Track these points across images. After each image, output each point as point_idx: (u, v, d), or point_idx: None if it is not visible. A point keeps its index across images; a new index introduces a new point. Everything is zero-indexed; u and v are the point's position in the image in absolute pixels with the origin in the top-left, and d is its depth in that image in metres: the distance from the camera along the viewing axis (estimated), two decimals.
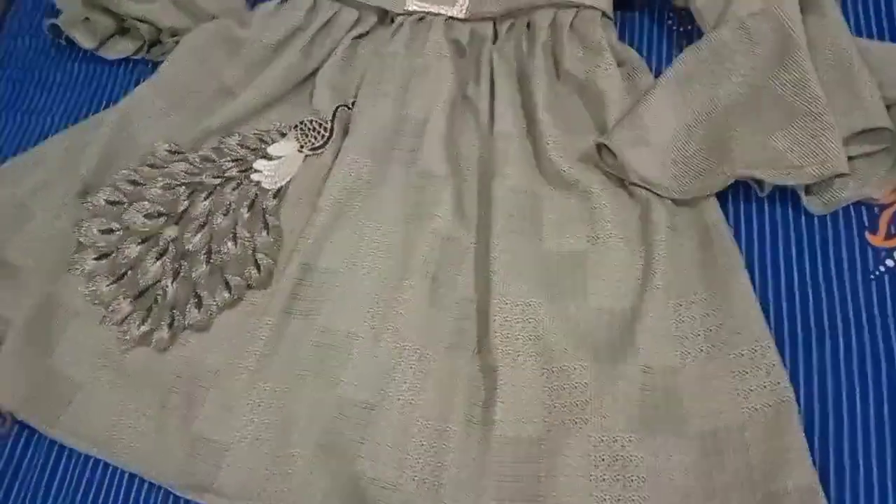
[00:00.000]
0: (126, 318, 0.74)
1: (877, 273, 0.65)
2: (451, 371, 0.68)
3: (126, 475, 0.69)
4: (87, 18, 0.90)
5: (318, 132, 0.81)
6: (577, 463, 0.61)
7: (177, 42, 0.87)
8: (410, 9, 0.84)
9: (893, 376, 0.61)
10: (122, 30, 0.92)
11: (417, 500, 0.62)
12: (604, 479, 0.60)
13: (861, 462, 0.58)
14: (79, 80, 0.93)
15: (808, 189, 0.69)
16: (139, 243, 0.77)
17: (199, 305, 0.74)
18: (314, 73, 0.85)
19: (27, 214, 0.81)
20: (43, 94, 0.93)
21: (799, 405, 0.60)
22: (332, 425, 0.66)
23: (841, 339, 0.63)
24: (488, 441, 0.63)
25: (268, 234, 0.76)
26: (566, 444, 0.62)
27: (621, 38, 0.82)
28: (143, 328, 0.73)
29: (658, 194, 0.71)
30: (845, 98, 0.69)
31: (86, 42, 0.91)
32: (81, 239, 0.77)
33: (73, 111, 0.91)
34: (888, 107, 0.69)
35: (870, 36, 0.77)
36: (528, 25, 0.81)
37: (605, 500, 0.60)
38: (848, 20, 0.75)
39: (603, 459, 0.61)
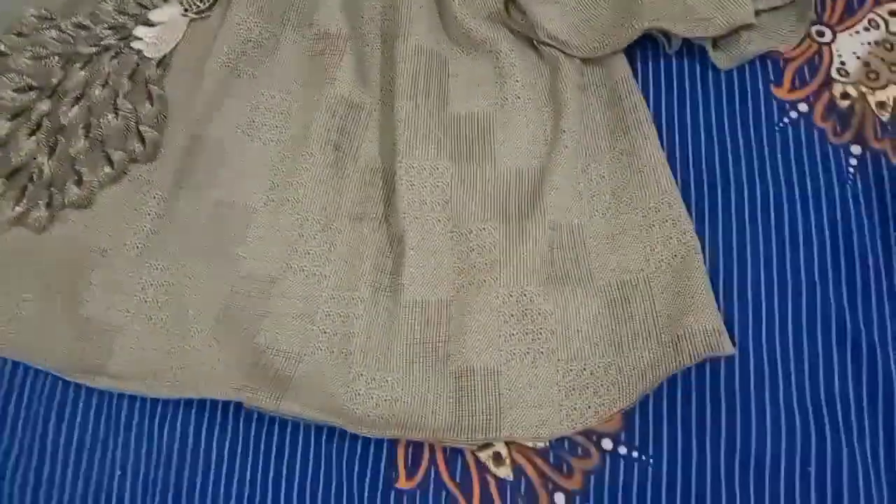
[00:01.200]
0: None
1: (781, 125, 0.65)
2: (356, 240, 0.65)
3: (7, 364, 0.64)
4: None
5: None
6: (486, 319, 0.60)
7: None
8: None
9: (793, 222, 0.62)
10: None
11: (325, 370, 0.60)
12: (513, 335, 0.59)
13: (763, 303, 0.59)
14: None
15: (715, 43, 0.68)
16: (9, 119, 0.69)
17: (79, 182, 0.68)
18: None
19: None
20: None
21: (704, 256, 0.60)
22: (231, 300, 0.63)
23: (745, 187, 0.63)
24: (396, 306, 0.61)
25: (151, 104, 0.70)
26: (475, 302, 0.60)
27: None
28: (19, 208, 0.67)
29: (567, 53, 0.68)
30: None
31: None
32: None
33: None
34: None
35: None
36: None
37: (514, 353, 0.59)
38: None
39: (512, 315, 0.60)
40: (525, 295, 0.60)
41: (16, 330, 0.64)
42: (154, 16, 0.75)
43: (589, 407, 0.57)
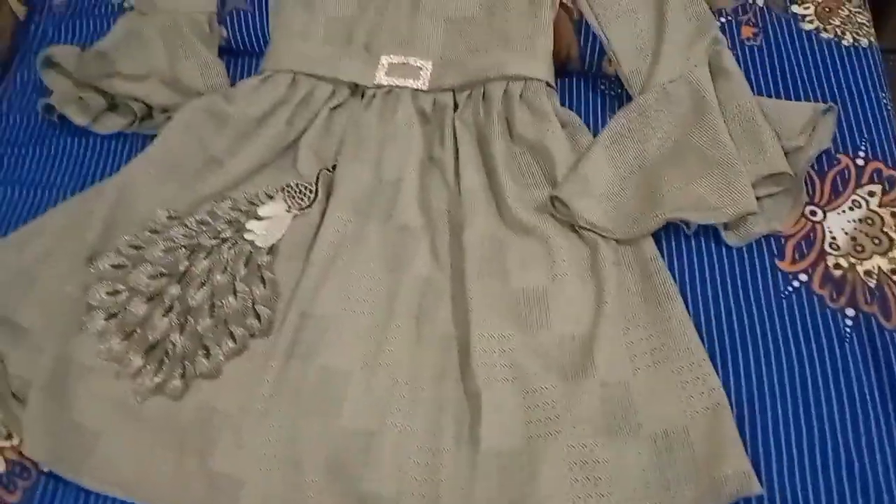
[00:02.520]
0: (139, 370, 0.81)
1: (786, 293, 0.79)
2: (438, 398, 0.78)
3: None
4: (80, 97, 0.98)
5: (304, 194, 0.91)
6: (554, 467, 0.72)
7: (168, 117, 0.96)
8: (380, 83, 0.96)
9: (802, 376, 0.75)
10: (114, 105, 1.00)
11: None
12: (577, 480, 0.71)
13: (784, 449, 0.72)
14: (73, 155, 1.00)
15: (726, 226, 0.83)
16: (145, 301, 0.84)
17: (207, 356, 0.82)
18: (296, 140, 0.95)
19: (32, 281, 0.87)
20: (39, 169, 0.99)
21: (731, 406, 0.73)
22: (337, 453, 0.76)
23: (761, 348, 0.77)
24: (476, 456, 0.74)
25: (265, 287, 0.85)
26: (544, 452, 0.73)
27: (564, 102, 0.95)
28: (157, 379, 0.80)
29: (604, 236, 0.83)
30: (751, 148, 0.84)
31: (79, 119, 0.98)
32: (91, 301, 0.84)
33: (69, 184, 0.97)
34: (786, 154, 0.84)
35: (767, 93, 0.93)
36: (484, 95, 0.93)
37: (579, 497, 0.71)
38: (749, 81, 0.90)
39: (575, 463, 0.72)
40: (585, 446, 0.72)
41: (157, 482, 0.76)
42: (263, 211, 0.91)
43: None
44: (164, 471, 0.77)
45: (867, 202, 0.84)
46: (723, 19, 0.99)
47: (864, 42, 0.96)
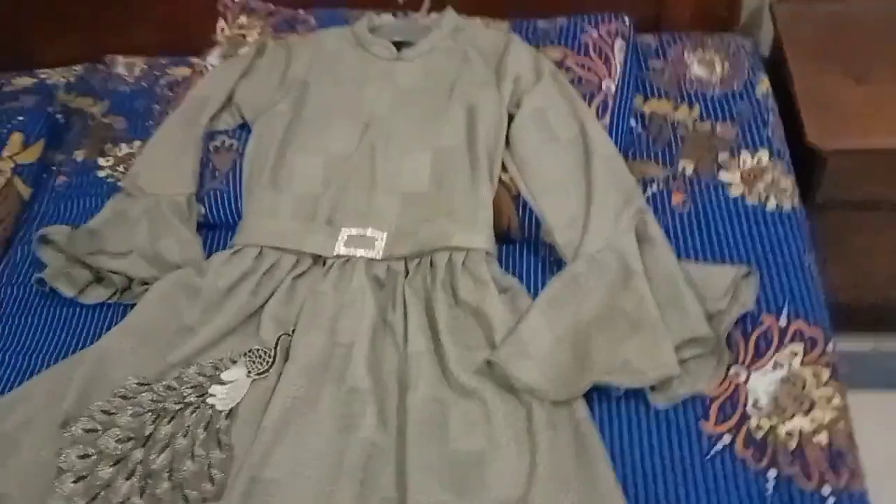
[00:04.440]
0: None
1: (710, 455, 0.82)
2: None
3: None
4: (68, 272, 1.08)
5: (264, 359, 0.98)
6: None
7: (145, 289, 1.05)
8: (339, 253, 1.04)
9: None
10: (98, 279, 1.10)
11: None
12: None
13: None
14: (62, 323, 1.08)
15: (653, 387, 0.87)
16: (111, 465, 0.90)
17: None
18: (261, 308, 1.02)
19: (13, 447, 0.93)
20: (29, 336, 1.08)
21: None
22: None
23: None
24: None
25: (220, 451, 0.90)
26: None
27: (507, 267, 1.03)
28: None
29: (538, 398, 0.88)
30: (674, 313, 0.90)
31: (67, 291, 1.08)
32: (62, 465, 0.90)
33: (58, 350, 1.05)
34: (710, 316, 0.90)
35: (696, 256, 0.99)
36: (431, 263, 1.01)
37: None
38: (679, 245, 0.97)
39: None
40: None
41: None
42: (225, 376, 0.97)
43: None
44: None
45: (790, 363, 0.88)
46: (654, 187, 1.07)
47: (788, 206, 1.03)
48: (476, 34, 1.18)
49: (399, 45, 1.19)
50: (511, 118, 1.09)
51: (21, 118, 1.25)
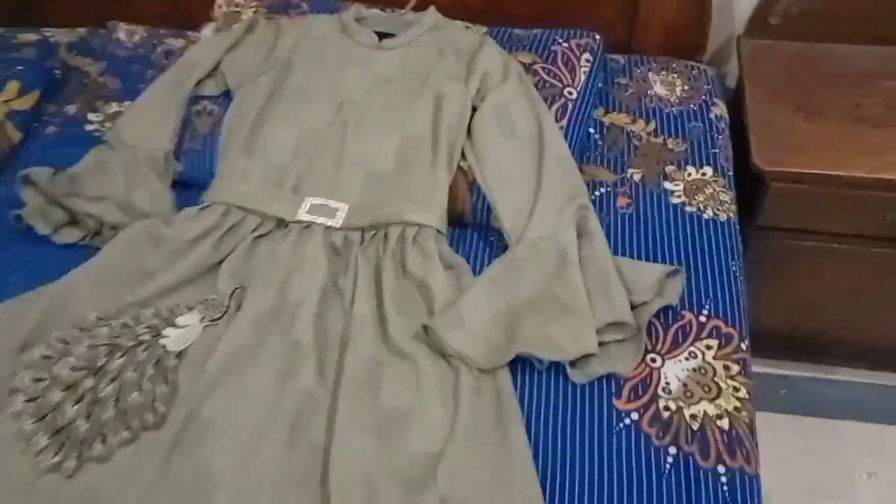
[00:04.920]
0: (42, 449, 0.91)
1: (617, 428, 0.89)
2: (297, 502, 0.86)
3: None
4: (45, 211, 1.14)
5: (218, 308, 1.03)
6: None
7: (115, 233, 1.11)
8: (300, 219, 1.11)
9: (623, 502, 0.82)
10: (73, 221, 1.16)
11: None
12: None
13: None
14: (31, 261, 1.13)
15: (572, 364, 0.93)
16: (62, 390, 0.95)
17: (103, 441, 0.91)
18: (219, 263, 1.08)
19: None
20: (4, 271, 1.14)
21: None
22: None
23: (587, 474, 0.85)
24: None
25: (166, 386, 0.96)
26: None
27: (458, 249, 1.09)
28: (56, 458, 0.90)
29: (467, 363, 0.94)
30: (602, 300, 0.96)
31: (42, 229, 1.14)
32: (16, 385, 0.95)
33: (23, 285, 1.09)
34: (634, 307, 0.96)
35: (633, 254, 1.06)
36: (385, 236, 1.08)
37: None
38: (619, 242, 1.04)
39: None
40: None
41: None
42: (180, 320, 1.03)
43: None
44: None
45: (703, 354, 0.94)
46: (602, 189, 1.14)
47: (724, 216, 1.10)
48: (454, 33, 1.26)
49: (381, 36, 1.27)
50: (475, 111, 1.16)
51: (20, 68, 1.32)
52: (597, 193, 1.13)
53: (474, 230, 1.12)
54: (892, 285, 1.34)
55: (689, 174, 1.16)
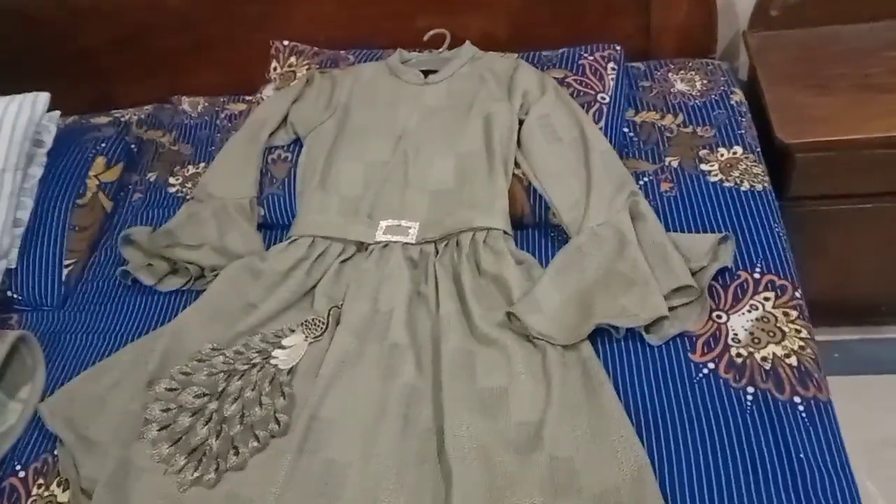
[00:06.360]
0: (182, 468, 1.02)
1: (697, 378, 0.98)
2: (420, 479, 0.95)
3: None
4: (149, 264, 1.28)
5: (318, 326, 1.15)
6: None
7: (216, 275, 1.24)
8: (379, 240, 1.23)
9: (713, 442, 0.91)
10: (174, 270, 1.29)
11: None
12: None
13: (697, 496, 0.87)
14: (140, 309, 1.27)
15: (647, 329, 1.03)
16: (190, 416, 1.07)
17: (236, 454, 1.02)
18: (313, 287, 1.20)
19: (103, 404, 1.10)
20: (113, 321, 1.26)
21: (654, 469, 0.89)
22: None
23: (678, 422, 0.94)
24: None
25: (284, 399, 1.07)
26: None
27: (522, 247, 1.20)
28: (196, 474, 1.00)
29: (551, 343, 1.04)
30: (663, 270, 1.07)
31: (148, 280, 1.27)
32: (148, 416, 1.06)
33: (135, 332, 1.23)
34: (694, 273, 1.07)
35: (682, 230, 1.17)
36: (457, 244, 1.20)
37: None
38: (667, 222, 1.15)
39: None
40: None
41: None
42: (286, 342, 1.15)
43: None
44: None
45: (763, 305, 1.04)
46: (645, 178, 1.26)
47: (759, 187, 1.21)
48: (491, 61, 1.40)
49: (425, 73, 1.41)
50: (521, 124, 1.29)
51: (103, 145, 1.47)
52: (641, 183, 1.24)
53: (535, 230, 1.24)
54: None
55: (722, 154, 1.27)
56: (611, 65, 1.37)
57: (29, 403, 1.16)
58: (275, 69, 1.52)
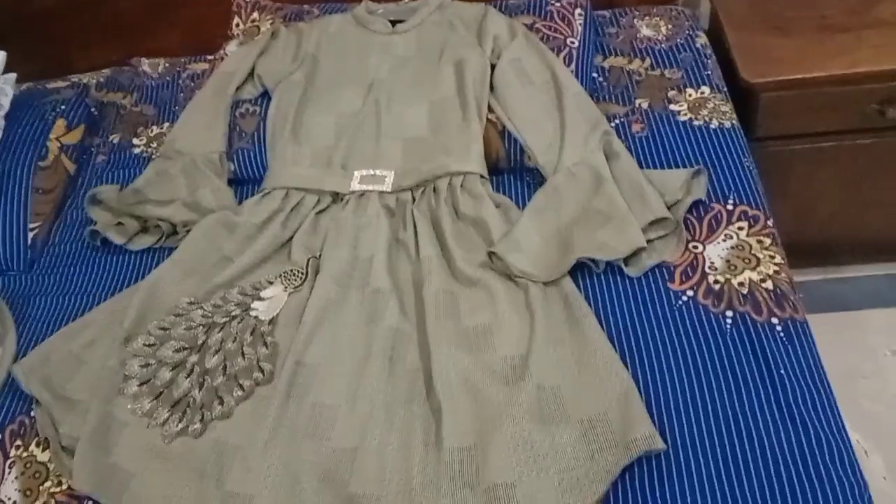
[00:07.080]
0: (166, 420, 1.00)
1: (677, 305, 1.00)
2: (409, 417, 0.96)
3: None
4: (119, 223, 1.25)
5: (297, 276, 1.14)
6: (501, 451, 0.89)
7: (188, 231, 1.21)
8: (354, 189, 1.22)
9: (695, 362, 0.94)
10: (145, 228, 1.26)
11: (397, 502, 0.88)
12: (520, 458, 0.88)
13: (683, 418, 0.89)
14: (110, 268, 1.24)
15: (625, 262, 1.05)
16: (171, 370, 1.05)
17: (221, 403, 1.01)
18: (290, 239, 1.19)
19: (80, 363, 1.08)
20: (83, 282, 1.23)
21: (640, 391, 0.91)
22: (328, 466, 0.93)
23: (660, 347, 0.96)
24: (440, 453, 0.91)
25: (267, 348, 1.06)
26: (492, 440, 0.90)
27: (498, 191, 1.21)
28: (181, 425, 0.99)
29: (532, 280, 1.05)
30: (639, 204, 1.08)
31: (118, 239, 1.24)
32: (127, 372, 1.05)
33: (107, 291, 1.21)
34: (669, 207, 1.08)
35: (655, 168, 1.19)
36: (434, 189, 1.19)
37: (523, 471, 0.87)
38: (640, 161, 1.16)
39: (518, 445, 0.89)
40: (525, 431, 0.90)
41: None
42: (264, 293, 1.13)
43: (578, 500, 0.84)
44: (186, 495, 0.93)
45: (737, 234, 1.07)
46: (616, 121, 1.27)
47: (728, 124, 1.23)
48: (459, 8, 1.40)
49: (393, 23, 1.40)
50: (493, 68, 1.29)
51: (63, 107, 1.43)
52: (612, 125, 1.25)
53: (510, 175, 1.25)
54: (883, 175, 1.47)
55: (690, 95, 1.29)
56: (578, 10, 1.37)
57: (1, 367, 1.13)
58: (237, 25, 1.49)
